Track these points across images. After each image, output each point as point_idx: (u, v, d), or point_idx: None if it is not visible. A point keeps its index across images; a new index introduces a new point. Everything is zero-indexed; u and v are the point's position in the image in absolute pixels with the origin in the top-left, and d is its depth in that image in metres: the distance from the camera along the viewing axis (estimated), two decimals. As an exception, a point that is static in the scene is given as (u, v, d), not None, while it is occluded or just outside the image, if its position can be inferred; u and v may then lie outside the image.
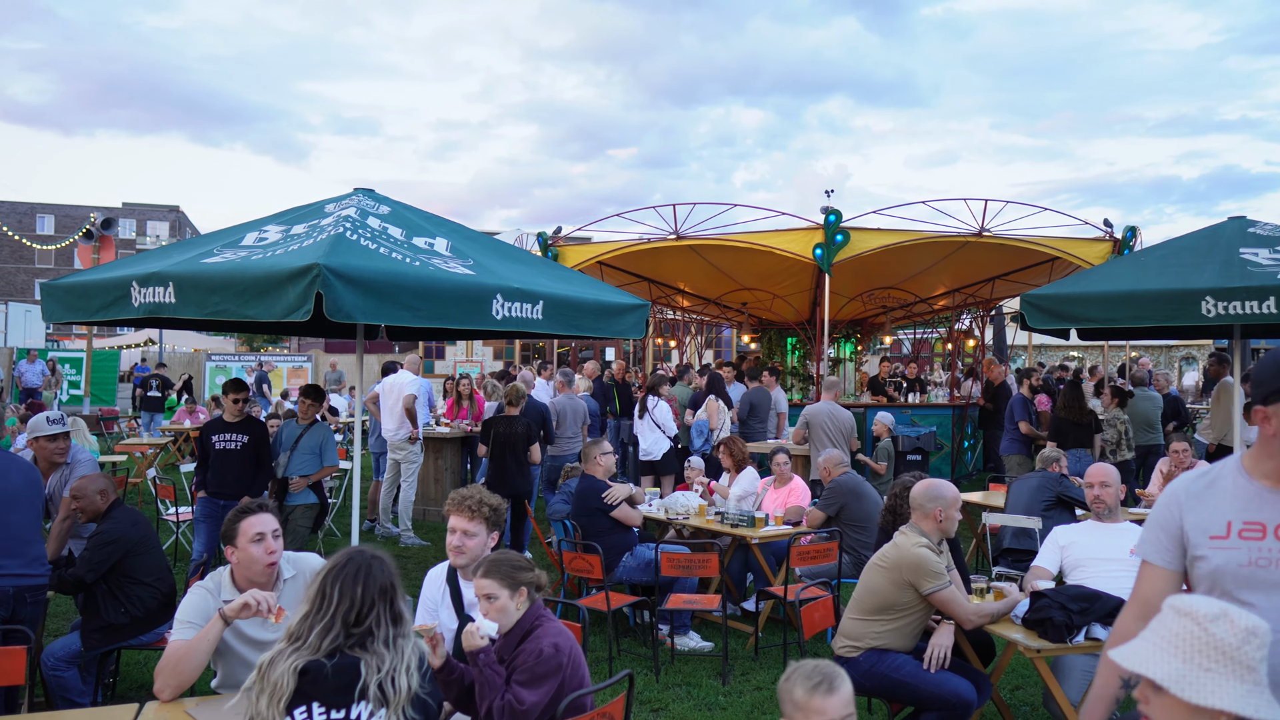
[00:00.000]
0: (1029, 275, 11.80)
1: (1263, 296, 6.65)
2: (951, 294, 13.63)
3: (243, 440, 6.37)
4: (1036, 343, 27.80)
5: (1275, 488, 2.15)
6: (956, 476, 12.65)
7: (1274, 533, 2.12)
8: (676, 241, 10.88)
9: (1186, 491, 2.28)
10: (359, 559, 2.43)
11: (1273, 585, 2.12)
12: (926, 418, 12.50)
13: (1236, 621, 1.67)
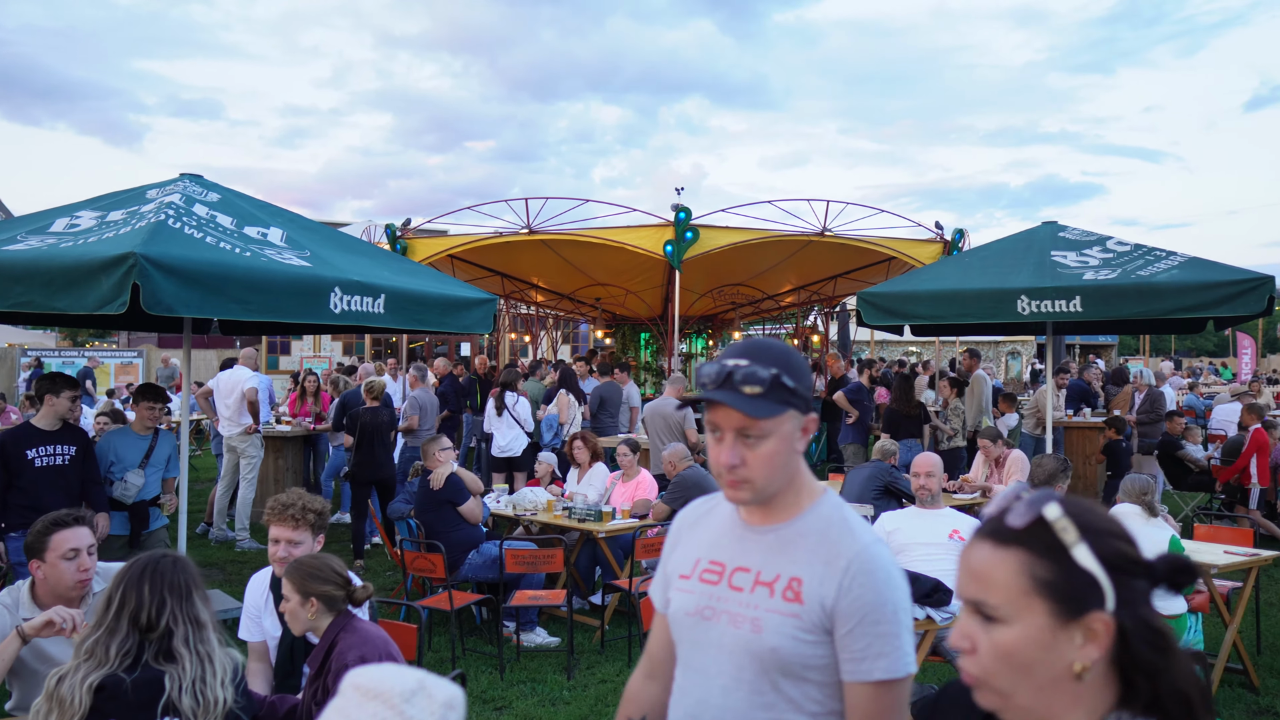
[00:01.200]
0: (868, 274, 12.35)
1: (1070, 296, 7.18)
2: (797, 291, 14.13)
3: (69, 454, 5.17)
4: (878, 338, 29.16)
5: (751, 523, 1.68)
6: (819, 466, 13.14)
7: (729, 577, 1.65)
8: (529, 236, 10.82)
9: (685, 519, 1.85)
10: (144, 559, 2.29)
11: (709, 644, 1.64)
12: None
13: (435, 695, 1.18)
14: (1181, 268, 7.19)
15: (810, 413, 1.62)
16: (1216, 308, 6.93)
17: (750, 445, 1.56)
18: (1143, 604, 1.13)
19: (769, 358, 1.57)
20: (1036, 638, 1.11)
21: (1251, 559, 5.11)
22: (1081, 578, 1.10)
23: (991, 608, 1.13)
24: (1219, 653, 4.96)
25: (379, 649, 2.59)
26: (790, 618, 1.57)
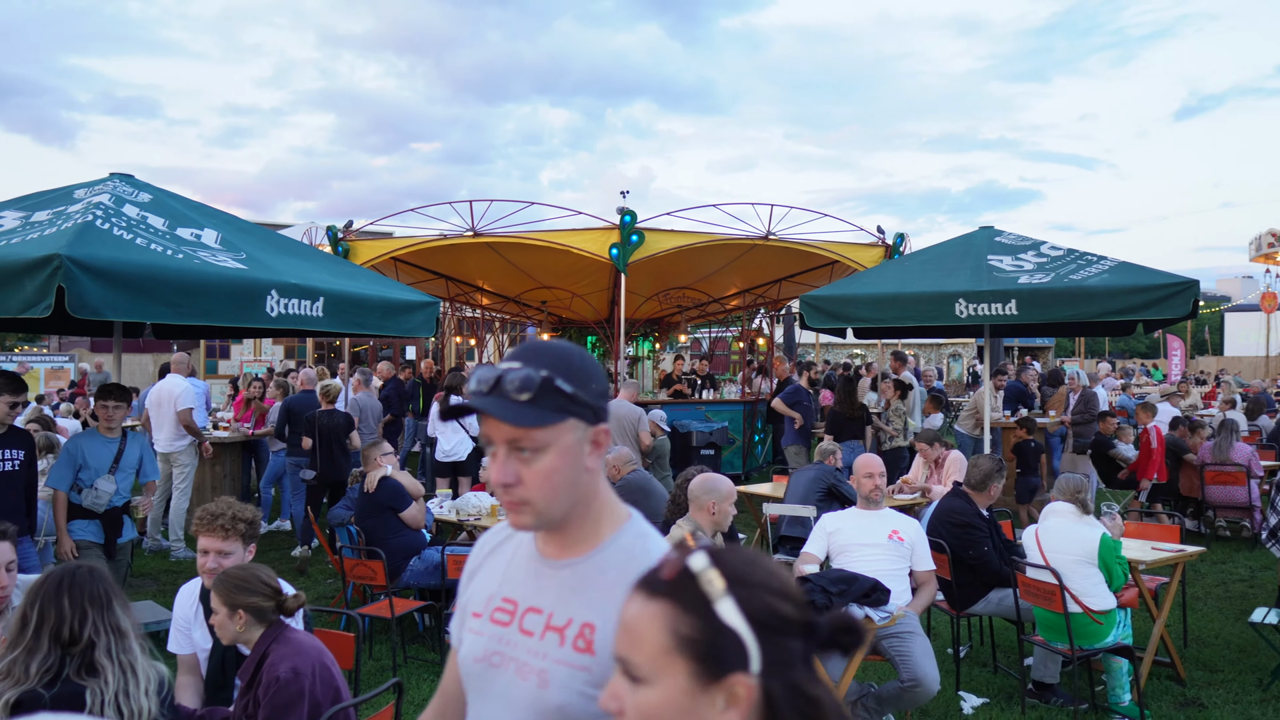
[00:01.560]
0: (812, 277, 12.48)
1: (1005, 299, 7.34)
2: (743, 294, 14.21)
3: (18, 459, 5.02)
4: (823, 341, 29.52)
5: (546, 555, 1.48)
6: (747, 469, 13.21)
7: (521, 619, 1.45)
8: (474, 239, 10.73)
9: (485, 544, 1.64)
10: (59, 571, 2.22)
11: (495, 696, 1.44)
12: (719, 413, 12.97)
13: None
14: (1112, 272, 7.40)
15: (600, 423, 1.41)
16: (1145, 310, 7.14)
17: (526, 461, 1.36)
18: (797, 667, 1.02)
19: (542, 359, 1.38)
20: (676, 700, 1.02)
21: (1178, 555, 5.26)
22: (726, 636, 1.00)
23: (635, 666, 1.04)
24: (1148, 646, 5.10)
25: (312, 659, 2.54)
26: (580, 671, 1.36)
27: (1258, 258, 20.33)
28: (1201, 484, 8.86)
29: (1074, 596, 4.47)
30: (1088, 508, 4.73)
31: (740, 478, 12.81)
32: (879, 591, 3.99)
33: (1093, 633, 4.51)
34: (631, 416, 9.11)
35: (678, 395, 13.62)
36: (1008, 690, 5.10)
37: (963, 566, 5.09)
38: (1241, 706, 4.81)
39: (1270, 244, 18.36)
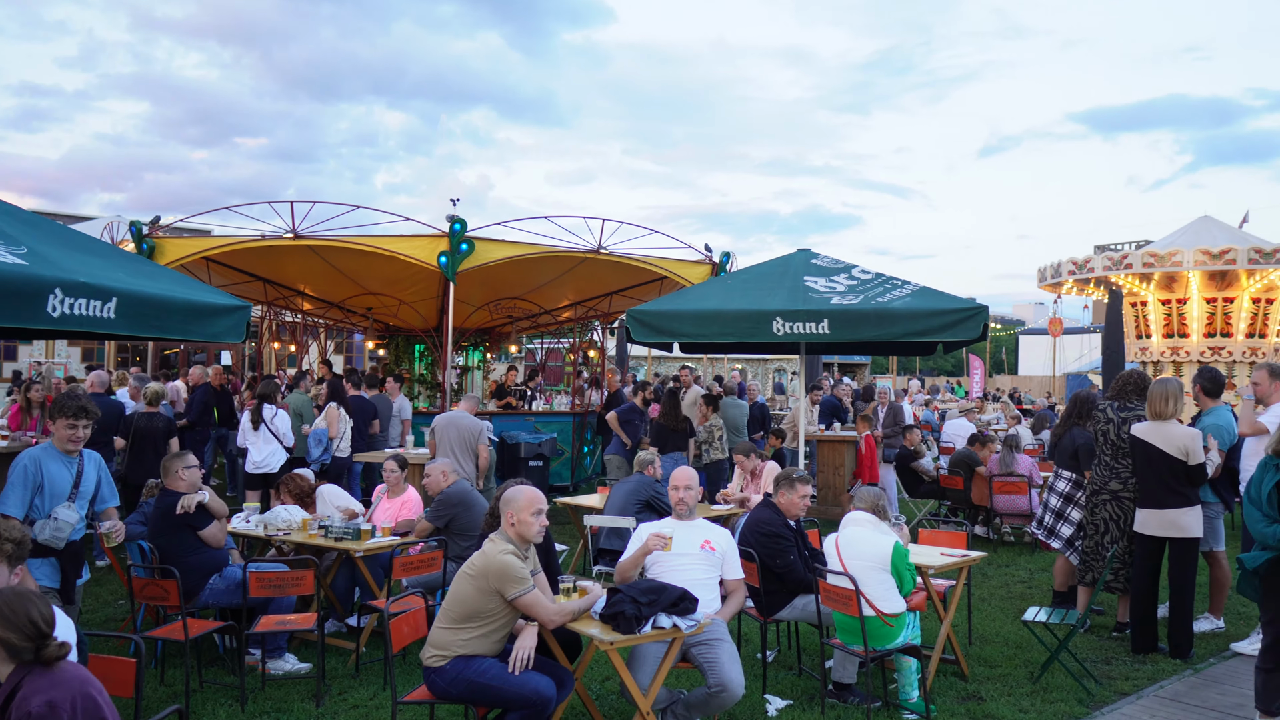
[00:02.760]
0: (642, 292, 12.70)
1: (819, 319, 7.72)
2: (575, 306, 14.29)
3: None
4: (655, 354, 30.07)
5: None
6: (576, 480, 13.27)
7: None
8: (295, 241, 10.29)
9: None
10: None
11: None
12: (549, 424, 12.97)
13: None
14: (914, 296, 7.92)
15: None
16: (941, 332, 7.67)
17: None
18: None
19: None
20: None
21: (963, 559, 5.67)
22: None
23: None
24: (935, 645, 5.48)
25: (72, 690, 2.35)
26: None
27: (1045, 286, 22.17)
28: (990, 494, 9.59)
29: (868, 601, 4.74)
30: (885, 515, 5.04)
31: (569, 489, 12.86)
32: (687, 600, 4.09)
33: (885, 634, 4.80)
34: (473, 429, 8.96)
35: (507, 407, 13.52)
36: (810, 691, 5.34)
37: (770, 574, 5.30)
38: (1014, 698, 5.24)
39: (1071, 271, 20.02)
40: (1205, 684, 5.50)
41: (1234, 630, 6.50)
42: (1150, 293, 19.99)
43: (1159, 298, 19.97)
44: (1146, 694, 5.33)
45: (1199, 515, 5.86)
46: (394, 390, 11.09)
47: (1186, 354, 20.38)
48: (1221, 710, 5.06)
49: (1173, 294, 19.90)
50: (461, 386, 16.38)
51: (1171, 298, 19.97)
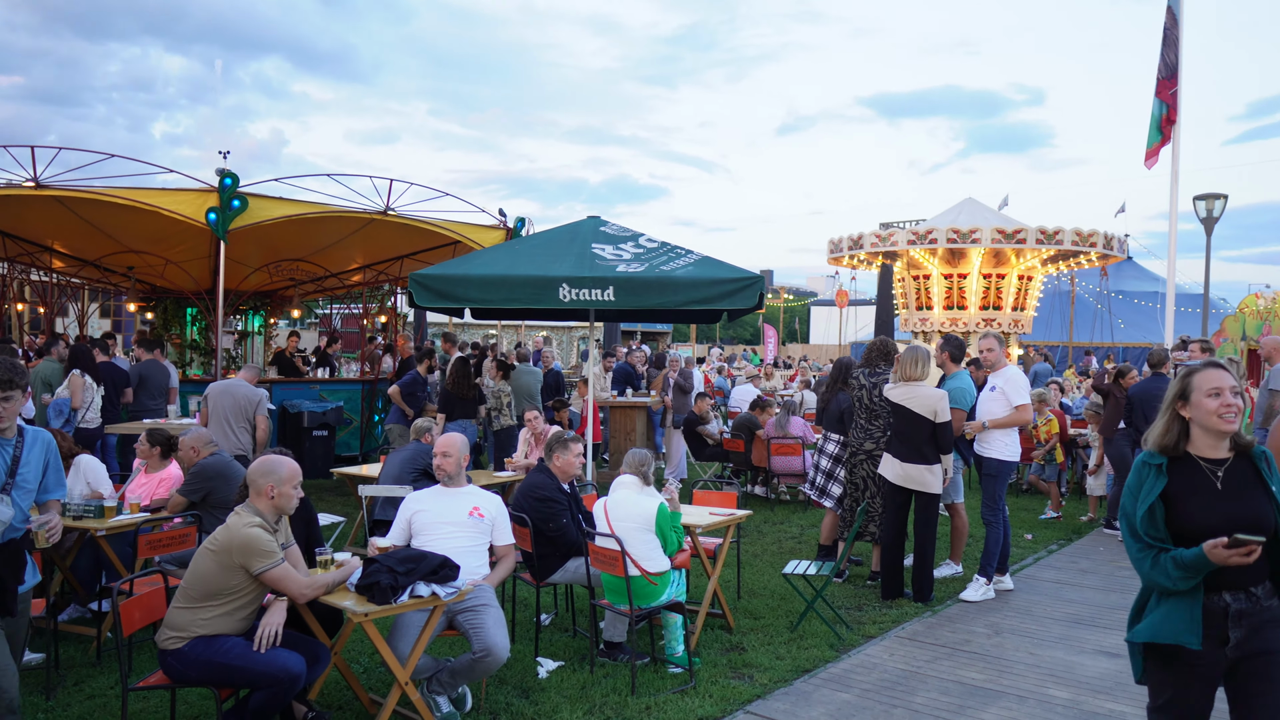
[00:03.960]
0: (435, 256, 12.36)
1: (605, 285, 7.78)
2: (364, 270, 13.73)
3: None
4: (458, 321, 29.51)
5: None
6: (366, 450, 12.84)
7: None
8: (37, 190, 9.26)
9: None
10: None
11: None
12: (335, 393, 12.46)
13: None
14: (696, 265, 8.14)
15: None
16: (721, 300, 7.93)
17: None
18: None
19: None
20: None
21: (729, 518, 5.92)
22: None
23: None
24: (702, 600, 5.70)
25: None
26: None
27: (831, 259, 23.47)
28: (768, 455, 10.07)
29: (633, 561, 4.86)
30: (649, 479, 5.17)
31: (358, 459, 12.42)
32: (447, 568, 4.03)
33: (649, 593, 4.94)
34: (249, 398, 8.39)
35: (290, 373, 12.86)
36: (583, 652, 5.43)
37: (543, 538, 5.33)
38: (773, 647, 5.54)
39: (850, 246, 21.19)
40: (940, 623, 6.03)
41: (970, 575, 7.15)
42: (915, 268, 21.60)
43: (923, 272, 21.63)
44: (889, 635, 5.78)
45: (939, 473, 6.39)
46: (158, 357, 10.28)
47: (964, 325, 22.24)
48: (950, 646, 5.57)
49: (954, 269, 21.61)
50: (241, 353, 15.43)
51: (953, 272, 21.69)
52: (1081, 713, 4.58)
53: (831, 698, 4.76)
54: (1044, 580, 7.18)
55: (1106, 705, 4.67)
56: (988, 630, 5.89)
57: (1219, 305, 36.07)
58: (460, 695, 4.56)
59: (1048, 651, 5.49)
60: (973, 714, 4.56)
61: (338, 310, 20.36)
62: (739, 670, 5.16)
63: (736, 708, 4.63)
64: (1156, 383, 8.17)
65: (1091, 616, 6.21)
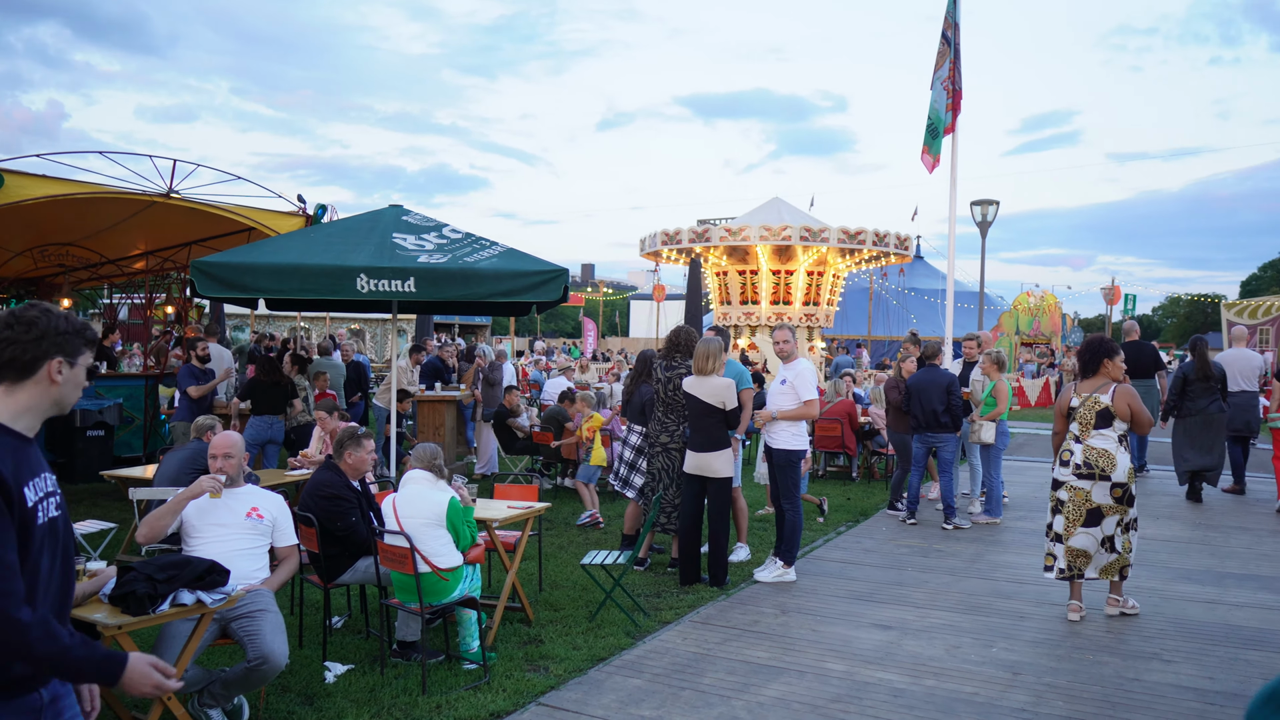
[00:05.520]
0: (228, 243, 11.64)
1: (405, 276, 7.57)
2: (147, 256, 12.77)
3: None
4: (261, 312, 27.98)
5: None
6: (151, 450, 11.95)
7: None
8: None
9: None
10: None
11: None
12: (114, 389, 11.52)
13: None
14: (500, 257, 8.05)
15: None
16: (526, 293, 7.89)
17: None
18: None
19: None
20: None
21: (527, 511, 5.92)
22: None
23: None
24: (500, 594, 5.67)
25: None
26: None
27: (644, 254, 23.91)
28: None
29: (424, 557, 4.76)
30: (442, 473, 5.08)
31: (141, 460, 11.55)
32: (215, 573, 3.80)
33: (441, 589, 4.85)
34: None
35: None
36: (374, 654, 5.27)
37: (331, 538, 5.13)
38: (571, 637, 5.58)
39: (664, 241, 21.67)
40: (732, 606, 6.27)
41: (761, 558, 7.46)
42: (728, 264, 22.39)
43: (736, 269, 22.46)
44: (684, 620, 5.95)
45: (729, 458, 6.63)
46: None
47: (757, 319, 23.21)
48: (740, 627, 5.80)
49: (747, 265, 22.51)
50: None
51: (746, 269, 22.59)
52: (854, 683, 4.88)
53: (623, 684, 4.84)
54: (831, 560, 7.60)
55: (877, 675, 5.00)
56: (775, 610, 6.17)
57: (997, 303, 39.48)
58: (236, 707, 4.32)
59: (829, 628, 5.81)
60: (756, 691, 4.76)
61: (120, 300, 18.81)
62: (535, 663, 5.16)
63: (529, 700, 4.63)
64: (931, 374, 8.81)
65: (870, 593, 6.63)
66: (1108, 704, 4.61)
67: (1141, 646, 5.48)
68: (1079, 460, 5.89)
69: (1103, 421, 5.87)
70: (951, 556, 7.73)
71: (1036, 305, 28.52)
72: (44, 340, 2.18)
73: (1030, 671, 5.06)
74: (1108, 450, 5.83)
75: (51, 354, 2.20)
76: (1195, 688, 4.83)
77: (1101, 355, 5.98)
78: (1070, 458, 5.95)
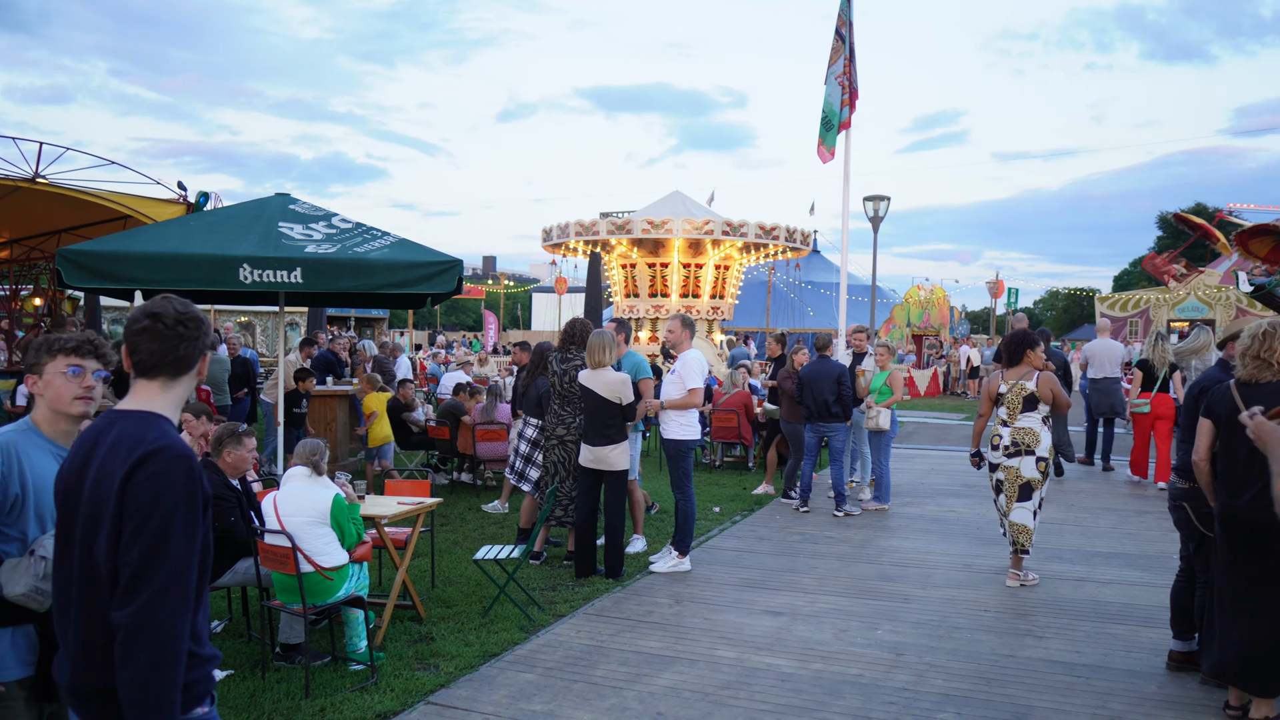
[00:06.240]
0: (101, 232, 11.03)
1: (292, 267, 7.32)
2: (10, 245, 12.01)
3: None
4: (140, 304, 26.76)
5: None
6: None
7: None
8: None
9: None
10: None
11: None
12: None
13: None
14: (392, 247, 7.86)
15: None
16: (419, 285, 7.72)
17: None
18: None
19: None
20: None
21: (418, 507, 5.80)
22: None
23: None
24: (390, 592, 5.54)
25: None
26: None
27: (546, 247, 23.78)
28: (473, 441, 10.00)
29: (306, 557, 4.62)
30: (321, 470, 4.93)
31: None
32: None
33: (325, 589, 4.72)
34: None
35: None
36: (256, 658, 5.09)
37: (208, 539, 4.92)
38: (463, 634, 5.50)
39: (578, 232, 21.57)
40: (627, 597, 6.29)
41: (657, 548, 7.51)
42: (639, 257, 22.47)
43: (647, 261, 22.56)
44: (578, 613, 5.94)
45: (625, 451, 6.65)
46: None
47: (667, 311, 23.34)
48: (634, 618, 5.82)
49: (658, 258, 22.62)
50: None
51: (658, 262, 22.71)
52: (744, 669, 4.96)
53: (515, 679, 4.80)
54: (726, 549, 7.71)
55: (766, 660, 5.09)
56: (670, 600, 6.22)
57: (890, 296, 40.69)
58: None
59: (721, 616, 5.89)
60: (647, 681, 4.78)
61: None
62: (425, 661, 5.07)
63: (418, 699, 4.54)
64: (823, 365, 9.01)
65: (762, 580, 6.74)
66: (983, 680, 4.81)
67: (1015, 624, 5.73)
68: (1008, 442, 6.53)
69: (1028, 405, 6.50)
70: (842, 543, 7.93)
71: (926, 298, 29.50)
72: (205, 336, 2.25)
73: (912, 652, 5.23)
74: (1033, 429, 6.48)
75: (205, 350, 2.27)
76: (1064, 661, 5.08)
77: (1024, 346, 6.62)
78: (1000, 441, 6.58)
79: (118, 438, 2.08)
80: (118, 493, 2.01)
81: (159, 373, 2.17)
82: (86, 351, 2.71)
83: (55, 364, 2.66)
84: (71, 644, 2.10)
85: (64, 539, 2.16)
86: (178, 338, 2.16)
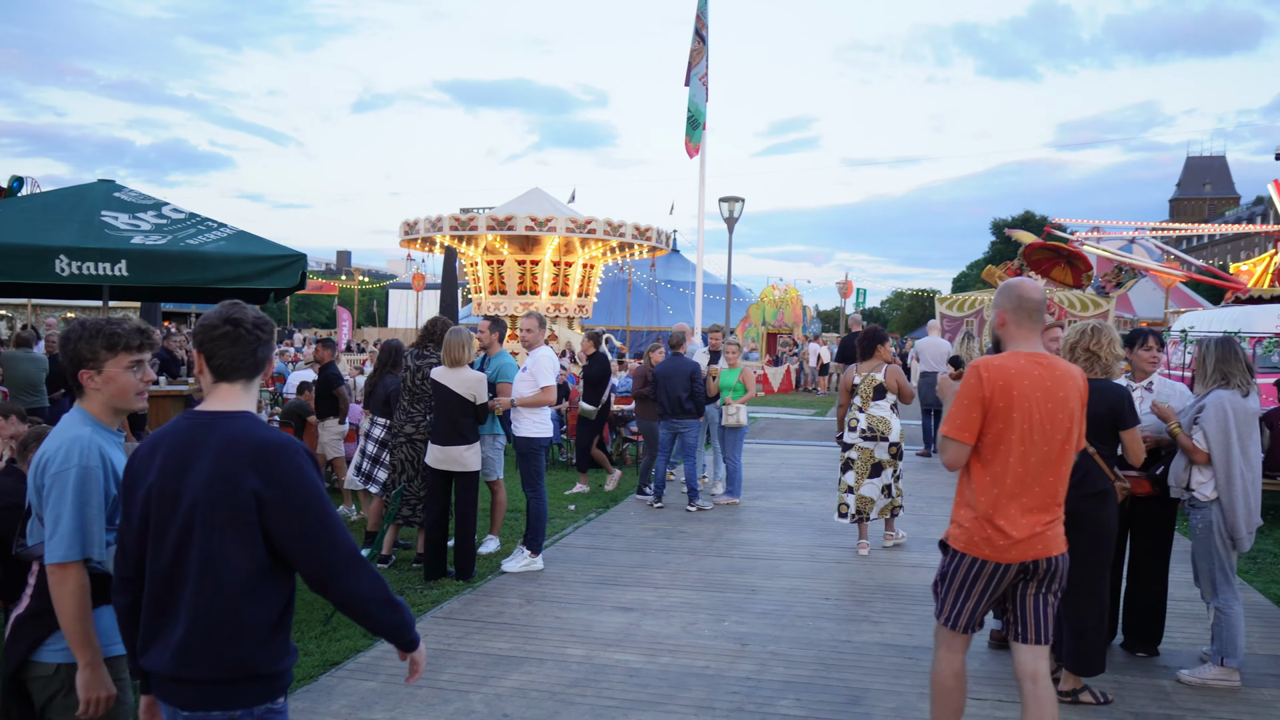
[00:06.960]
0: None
1: (116, 259, 6.88)
2: None
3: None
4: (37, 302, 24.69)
5: None
6: None
7: None
8: None
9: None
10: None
11: None
12: None
13: None
14: (229, 240, 7.49)
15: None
16: (259, 279, 7.39)
17: None
18: None
19: None
20: None
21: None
22: None
23: None
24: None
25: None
26: None
27: (404, 242, 23.21)
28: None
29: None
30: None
31: None
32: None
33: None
34: None
35: None
36: (72, 678, 4.74)
37: (8, 556, 4.54)
38: (302, 643, 5.29)
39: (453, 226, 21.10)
40: (477, 599, 6.20)
41: (510, 548, 7.44)
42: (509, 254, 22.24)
43: (516, 259, 22.35)
44: (426, 616, 5.81)
45: (477, 451, 6.55)
46: None
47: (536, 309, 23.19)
48: (484, 620, 5.74)
49: (528, 256, 22.44)
50: None
51: (528, 259, 22.52)
52: (592, 666, 4.97)
53: (356, 688, 4.65)
54: (579, 547, 7.71)
55: (615, 656, 5.12)
56: (521, 600, 6.17)
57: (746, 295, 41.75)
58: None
59: (572, 614, 5.89)
60: (495, 683, 4.73)
61: None
62: (261, 673, 4.84)
63: (251, 713, 4.33)
64: (676, 362, 9.14)
65: (614, 576, 6.79)
66: (823, 665, 4.99)
67: (854, 610, 5.98)
68: (864, 427, 7.38)
69: (879, 394, 7.38)
70: (694, 537, 8.07)
71: (781, 298, 30.39)
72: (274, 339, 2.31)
73: (757, 642, 5.37)
74: (885, 417, 7.38)
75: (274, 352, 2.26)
76: (896, 644, 5.34)
77: (875, 342, 7.50)
78: (857, 424, 7.41)
79: (229, 439, 2.20)
80: (255, 489, 2.16)
81: (239, 375, 2.30)
82: (145, 345, 2.80)
83: (118, 360, 2.71)
84: (178, 634, 2.20)
85: (158, 537, 2.24)
86: (256, 341, 2.29)
